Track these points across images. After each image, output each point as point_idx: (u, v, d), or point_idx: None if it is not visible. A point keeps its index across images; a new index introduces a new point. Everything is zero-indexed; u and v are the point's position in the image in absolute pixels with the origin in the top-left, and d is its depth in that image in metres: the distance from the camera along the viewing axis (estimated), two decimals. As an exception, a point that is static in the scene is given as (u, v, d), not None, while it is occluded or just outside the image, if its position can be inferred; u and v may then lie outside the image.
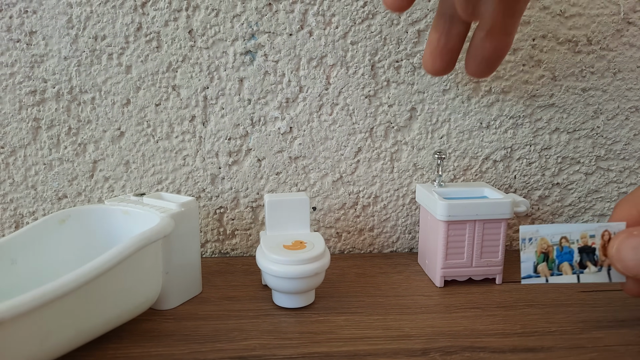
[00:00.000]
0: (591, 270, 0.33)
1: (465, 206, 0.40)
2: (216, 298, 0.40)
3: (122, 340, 0.34)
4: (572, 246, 0.33)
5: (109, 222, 0.39)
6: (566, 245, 0.33)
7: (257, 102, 0.45)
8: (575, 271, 0.33)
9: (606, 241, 0.32)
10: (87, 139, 0.45)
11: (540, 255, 0.33)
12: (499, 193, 0.42)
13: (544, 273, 0.33)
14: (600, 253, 0.32)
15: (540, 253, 0.33)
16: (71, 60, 0.43)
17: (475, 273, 0.42)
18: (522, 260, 0.33)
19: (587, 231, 0.32)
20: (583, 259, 0.33)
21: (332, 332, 0.35)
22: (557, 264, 0.33)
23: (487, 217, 0.40)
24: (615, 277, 0.32)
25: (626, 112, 0.47)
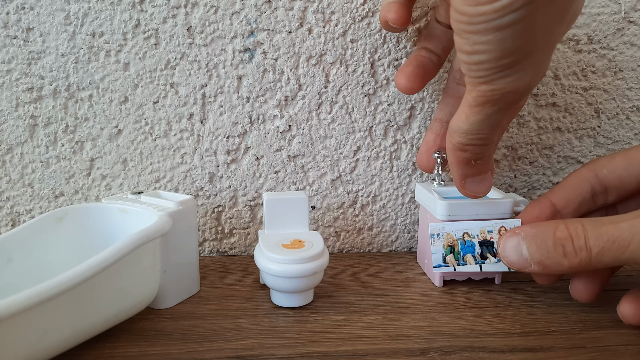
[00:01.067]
0: (491, 261, 0.38)
1: (465, 206, 0.39)
2: (214, 297, 0.39)
3: (119, 339, 0.33)
4: (474, 240, 0.38)
5: (106, 220, 0.39)
6: (468, 240, 0.38)
7: (256, 100, 0.45)
8: (478, 262, 0.38)
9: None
10: (84, 136, 0.44)
11: (447, 248, 0.38)
12: (499, 192, 0.42)
13: (451, 263, 0.38)
14: (498, 246, 0.36)
15: (447, 246, 0.38)
16: (69, 57, 0.43)
17: (478, 274, 0.41)
18: (432, 252, 0.38)
19: (485, 227, 0.38)
20: (483, 251, 0.38)
21: (330, 332, 0.34)
22: (462, 255, 0.38)
23: (486, 216, 0.39)
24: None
25: (627, 111, 0.47)
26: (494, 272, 0.41)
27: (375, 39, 0.44)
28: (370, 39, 0.44)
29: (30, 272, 0.35)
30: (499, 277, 0.42)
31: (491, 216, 0.39)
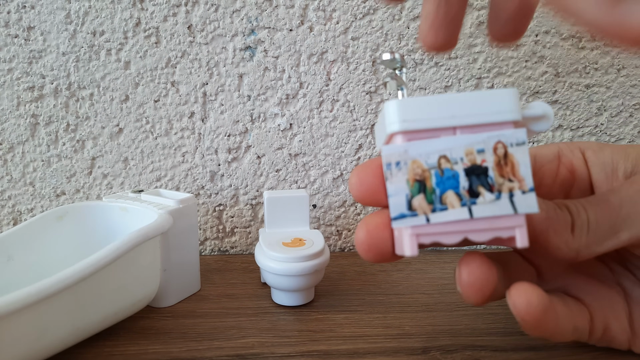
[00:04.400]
0: (486, 199, 0.23)
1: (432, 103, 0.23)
2: (215, 296, 0.39)
3: (119, 337, 0.33)
4: (456, 167, 0.23)
5: (106, 218, 0.38)
6: (447, 167, 0.23)
7: (257, 99, 0.45)
8: (465, 202, 0.23)
9: (501, 156, 0.23)
10: (85, 135, 0.44)
11: (415, 185, 0.23)
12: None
13: (422, 209, 0.23)
14: (495, 173, 0.23)
15: (413, 181, 0.23)
16: (69, 56, 0.43)
17: (475, 226, 0.24)
18: (390, 194, 0.23)
19: (473, 144, 0.23)
20: (473, 183, 0.23)
21: (331, 330, 0.34)
22: (439, 194, 0.23)
23: (472, 121, 0.23)
24: (521, 207, 0.23)
25: (630, 109, 0.47)
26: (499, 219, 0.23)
27: (376, 37, 0.44)
28: (371, 36, 0.44)
29: (30, 270, 0.35)
30: (524, 235, 0.23)
31: (481, 119, 0.23)
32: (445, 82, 0.45)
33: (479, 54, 0.45)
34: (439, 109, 0.23)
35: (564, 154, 0.29)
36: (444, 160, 0.23)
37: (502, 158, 0.23)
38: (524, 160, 0.22)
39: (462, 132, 0.23)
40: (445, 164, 0.23)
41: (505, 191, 0.23)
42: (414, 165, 0.23)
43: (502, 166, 0.23)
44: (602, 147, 0.28)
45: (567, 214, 0.24)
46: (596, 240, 0.24)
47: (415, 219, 0.23)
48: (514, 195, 0.23)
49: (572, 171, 0.28)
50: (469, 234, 0.23)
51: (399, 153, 0.23)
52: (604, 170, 0.27)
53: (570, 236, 0.24)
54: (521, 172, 0.22)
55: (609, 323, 0.28)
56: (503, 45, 0.44)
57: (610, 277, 0.29)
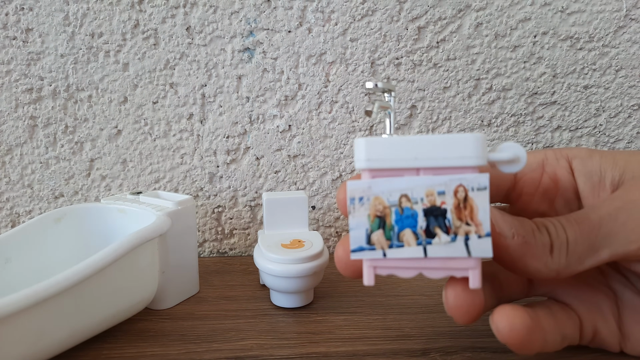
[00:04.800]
0: (442, 240, 0.23)
1: (399, 145, 0.23)
2: (213, 298, 0.39)
3: (117, 340, 0.33)
4: (416, 207, 0.24)
5: (105, 220, 0.38)
6: (407, 206, 0.24)
7: (256, 100, 0.45)
8: (421, 241, 0.24)
9: (461, 200, 0.23)
10: (84, 137, 0.44)
11: (375, 220, 0.24)
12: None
13: (380, 244, 0.24)
14: (453, 216, 0.23)
15: (374, 217, 0.24)
16: (68, 58, 0.43)
17: (428, 264, 0.24)
18: (351, 227, 0.24)
19: (434, 186, 0.23)
20: (431, 224, 0.24)
21: (330, 332, 0.34)
22: (397, 231, 0.24)
23: (435, 163, 0.23)
24: (476, 251, 0.23)
25: (629, 109, 0.47)
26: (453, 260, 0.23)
27: (375, 38, 0.44)
28: (370, 37, 0.44)
29: (28, 272, 0.35)
30: (476, 277, 0.24)
31: (444, 162, 0.23)
32: (444, 84, 0.45)
33: (477, 55, 0.45)
34: (404, 150, 0.23)
35: (549, 163, 0.28)
36: (405, 199, 0.24)
37: (462, 201, 0.23)
38: (484, 205, 0.23)
39: (425, 173, 0.23)
40: (405, 202, 0.24)
41: (461, 234, 0.23)
42: (376, 202, 0.24)
43: (461, 209, 0.23)
44: (591, 154, 0.28)
45: (546, 235, 0.24)
46: (576, 260, 0.24)
47: (372, 252, 0.24)
48: (470, 239, 0.23)
49: (555, 180, 0.28)
50: (423, 271, 0.24)
51: (362, 189, 0.24)
52: (591, 179, 0.27)
53: (549, 258, 0.24)
54: (479, 217, 0.23)
55: (597, 327, 0.28)
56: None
57: (600, 279, 0.29)
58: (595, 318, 0.28)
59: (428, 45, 0.44)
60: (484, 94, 0.46)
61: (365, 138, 0.24)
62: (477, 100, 0.46)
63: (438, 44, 0.44)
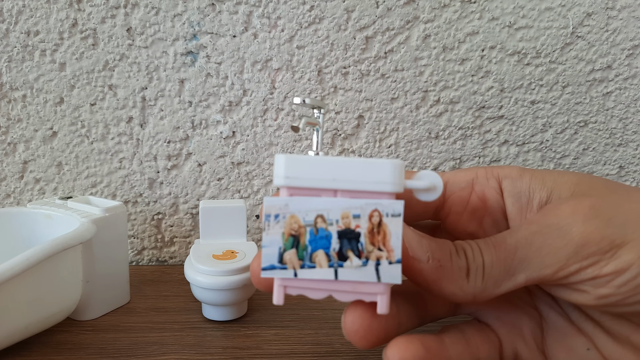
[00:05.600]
0: (353, 264, 0.23)
1: (318, 164, 0.23)
2: (143, 309, 0.38)
3: (31, 352, 0.32)
4: (330, 228, 0.23)
5: (30, 226, 0.37)
6: (322, 227, 0.23)
7: (199, 105, 0.43)
8: (333, 263, 0.23)
9: (375, 224, 0.23)
10: (17, 138, 0.43)
11: (289, 239, 0.23)
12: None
13: (292, 264, 0.23)
14: (366, 240, 0.23)
15: (288, 235, 0.23)
16: (1, 56, 0.41)
17: (338, 287, 0.24)
18: (264, 244, 0.23)
19: (350, 209, 0.23)
20: (344, 247, 0.23)
21: (258, 347, 0.33)
22: (310, 252, 0.23)
23: (353, 186, 0.23)
24: (385, 276, 0.23)
25: (575, 126, 0.47)
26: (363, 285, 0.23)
27: (322, 46, 0.43)
28: (317, 45, 0.43)
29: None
30: (384, 302, 0.23)
31: (361, 186, 0.23)
32: (392, 94, 0.45)
33: (425, 67, 0.44)
34: (323, 170, 0.23)
35: (478, 182, 0.28)
36: (321, 219, 0.23)
37: (376, 226, 0.23)
38: (397, 231, 0.23)
39: (343, 195, 0.23)
40: (321, 223, 0.23)
41: (372, 259, 0.23)
42: (292, 220, 0.23)
43: (374, 234, 0.23)
44: (522, 174, 0.27)
45: (463, 259, 0.24)
46: (492, 284, 0.24)
47: (283, 271, 0.23)
48: (380, 264, 0.23)
49: (483, 200, 0.28)
50: (333, 293, 0.24)
51: (279, 206, 0.23)
52: (519, 201, 0.27)
53: (465, 281, 0.24)
54: (392, 243, 0.23)
55: (517, 349, 0.27)
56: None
57: (526, 299, 0.28)
58: (516, 340, 0.27)
59: (376, 55, 0.44)
60: (432, 106, 0.45)
61: (285, 155, 0.23)
62: (425, 112, 0.46)
63: (386, 55, 0.44)
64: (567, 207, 0.24)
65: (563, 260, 0.23)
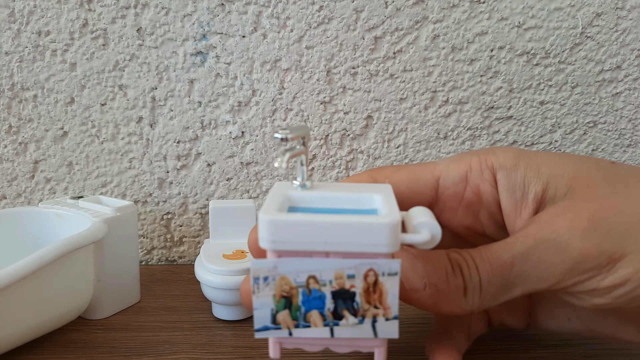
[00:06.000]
0: (349, 322, 0.23)
1: (307, 227, 0.22)
2: (153, 308, 0.38)
3: (43, 350, 0.32)
4: (324, 289, 0.23)
5: (41, 225, 0.37)
6: (315, 288, 0.23)
7: (208, 105, 0.44)
8: (328, 322, 0.23)
9: (371, 284, 0.23)
10: (28, 138, 0.43)
11: (281, 301, 0.23)
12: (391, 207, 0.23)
13: (286, 324, 0.23)
14: (362, 299, 0.23)
15: (280, 297, 0.23)
16: (13, 56, 0.41)
17: (335, 342, 0.24)
18: (255, 307, 0.23)
19: (343, 269, 0.23)
20: (339, 306, 0.23)
21: (268, 347, 0.33)
22: (304, 312, 0.23)
23: (345, 248, 0.22)
24: (382, 333, 0.23)
25: (584, 126, 0.47)
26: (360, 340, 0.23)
27: (331, 46, 0.43)
28: (326, 45, 0.43)
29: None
30: (382, 354, 0.24)
31: (355, 248, 0.22)
32: (401, 95, 0.45)
33: (434, 67, 0.44)
34: (312, 233, 0.22)
35: (472, 175, 0.28)
36: (313, 280, 0.23)
37: (372, 285, 0.23)
38: (393, 290, 0.22)
39: (335, 255, 0.22)
40: (313, 284, 0.23)
41: (369, 317, 0.23)
42: (282, 282, 0.23)
43: (370, 293, 0.23)
44: (516, 164, 0.27)
45: (460, 278, 0.24)
46: (489, 299, 0.24)
47: (278, 331, 0.23)
48: (377, 321, 0.23)
49: (478, 195, 0.28)
50: (330, 346, 0.24)
51: (267, 269, 0.22)
52: (513, 195, 0.27)
53: (463, 300, 0.24)
54: (388, 301, 0.23)
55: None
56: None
57: None
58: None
59: (385, 55, 0.44)
60: (441, 106, 0.45)
61: (269, 217, 0.22)
62: (434, 113, 0.46)
63: (395, 55, 0.44)
64: (564, 220, 0.24)
65: (559, 276, 0.23)
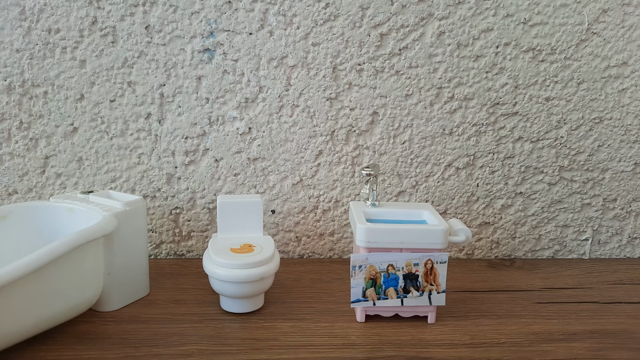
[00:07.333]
0: (413, 295, 0.36)
1: (388, 232, 0.35)
2: (163, 301, 0.39)
3: (55, 342, 0.32)
4: (398, 273, 0.35)
5: (52, 219, 0.38)
6: (392, 272, 0.35)
7: (215, 101, 0.44)
8: (400, 296, 0.36)
9: (429, 269, 0.35)
10: (38, 134, 0.44)
11: (369, 281, 0.35)
12: (437, 218, 0.37)
13: (371, 297, 0.36)
14: (422, 279, 0.35)
15: (369, 279, 0.35)
16: (23, 53, 0.42)
17: (403, 309, 0.36)
18: (352, 285, 0.35)
19: (411, 259, 0.35)
20: (407, 284, 0.36)
21: (275, 339, 0.34)
22: (384, 289, 0.36)
23: (414, 245, 0.35)
24: (435, 301, 0.36)
25: (590, 122, 0.47)
26: (420, 307, 0.36)
27: (337, 43, 0.44)
28: (332, 42, 0.44)
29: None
30: (433, 316, 0.37)
31: (420, 245, 0.35)
32: (406, 91, 0.45)
33: (439, 64, 0.45)
34: (393, 236, 0.35)
35: None
36: (391, 267, 0.35)
37: (429, 270, 0.36)
38: (443, 272, 0.36)
39: (406, 250, 0.35)
40: (391, 270, 0.35)
41: (426, 291, 0.36)
42: (371, 269, 0.35)
43: (428, 275, 0.36)
44: None
45: None
46: None
47: (366, 303, 0.36)
48: (432, 294, 0.36)
49: None
50: (399, 312, 0.37)
51: (362, 260, 0.35)
52: None
53: None
54: (439, 280, 0.36)
55: None
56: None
57: None
58: None
59: (390, 52, 0.44)
60: (446, 102, 0.46)
61: (366, 226, 0.35)
62: (439, 109, 0.46)
63: (400, 51, 0.44)
64: None
65: None
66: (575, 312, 0.38)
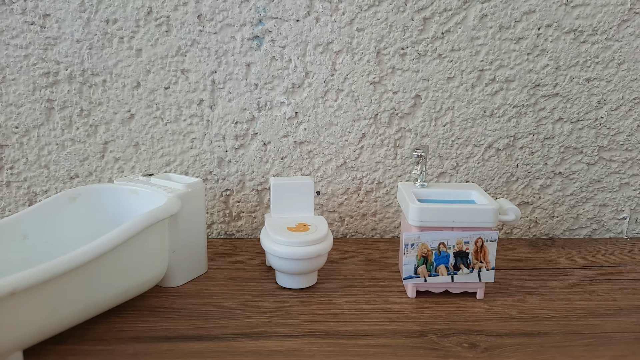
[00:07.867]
0: (464, 272, 0.37)
1: (441, 211, 0.36)
2: (221, 277, 0.41)
3: (128, 315, 0.35)
4: (449, 251, 0.37)
5: (117, 200, 0.40)
6: (443, 250, 0.37)
7: (264, 87, 0.46)
8: (450, 272, 0.37)
9: (479, 247, 0.37)
10: (98, 120, 0.46)
11: (421, 259, 0.37)
12: (486, 198, 0.38)
13: (423, 274, 0.37)
14: (472, 257, 0.37)
15: (420, 257, 0.37)
16: (83, 43, 0.44)
17: (453, 286, 0.38)
18: (404, 263, 0.37)
19: (462, 238, 0.36)
20: (457, 262, 0.37)
21: (332, 313, 0.36)
22: (435, 266, 0.37)
23: (465, 224, 0.36)
24: (484, 278, 0.37)
25: (630, 102, 0.48)
26: (469, 283, 0.37)
27: (381, 28, 0.45)
28: (376, 27, 0.45)
29: (44, 249, 0.37)
30: (482, 292, 0.38)
31: (471, 224, 0.36)
32: (448, 74, 0.46)
33: (481, 47, 0.46)
34: (445, 215, 0.36)
35: None
36: (442, 245, 0.37)
37: (480, 248, 0.37)
38: (492, 250, 0.37)
39: (457, 229, 0.36)
40: (442, 248, 0.37)
41: (476, 268, 0.37)
42: (422, 247, 0.37)
43: (478, 253, 0.37)
44: None
45: None
46: None
47: (417, 279, 0.37)
48: (481, 271, 0.37)
49: None
50: (449, 288, 0.38)
51: (414, 238, 0.37)
52: None
53: None
54: (489, 258, 0.37)
55: None
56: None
57: None
58: None
59: (433, 36, 0.45)
60: (487, 84, 0.47)
61: (419, 205, 0.36)
62: (480, 91, 0.47)
63: (443, 35, 0.45)
64: None
65: None
66: (620, 289, 0.39)
